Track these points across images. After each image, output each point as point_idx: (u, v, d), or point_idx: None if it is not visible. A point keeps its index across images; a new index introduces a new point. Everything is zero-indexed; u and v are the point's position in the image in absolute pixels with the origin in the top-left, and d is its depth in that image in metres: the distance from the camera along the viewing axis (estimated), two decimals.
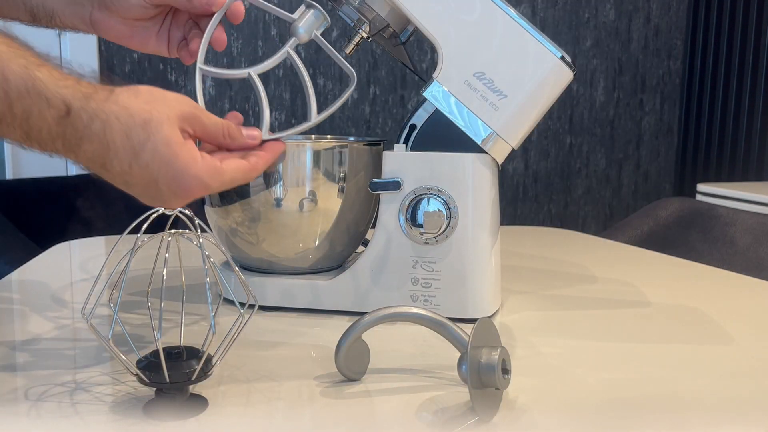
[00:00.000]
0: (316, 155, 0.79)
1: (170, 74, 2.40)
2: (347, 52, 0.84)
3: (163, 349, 0.52)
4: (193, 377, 0.53)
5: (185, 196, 0.62)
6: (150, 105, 0.59)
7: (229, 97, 2.38)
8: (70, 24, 0.76)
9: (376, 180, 0.79)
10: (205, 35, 0.74)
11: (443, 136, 0.78)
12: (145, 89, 0.61)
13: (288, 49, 0.74)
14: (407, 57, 0.90)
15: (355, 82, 0.75)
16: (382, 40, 0.85)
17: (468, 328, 0.58)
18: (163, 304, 0.54)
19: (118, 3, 0.74)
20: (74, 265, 1.09)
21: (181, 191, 0.61)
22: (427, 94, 0.78)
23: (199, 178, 0.61)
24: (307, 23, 0.74)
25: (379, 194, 0.79)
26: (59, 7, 0.75)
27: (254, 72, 0.74)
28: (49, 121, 0.55)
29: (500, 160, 0.79)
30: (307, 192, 0.79)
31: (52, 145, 0.57)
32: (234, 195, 0.80)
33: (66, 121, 0.55)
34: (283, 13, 0.74)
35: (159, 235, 0.54)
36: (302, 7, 0.74)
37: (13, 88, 0.53)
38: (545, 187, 2.76)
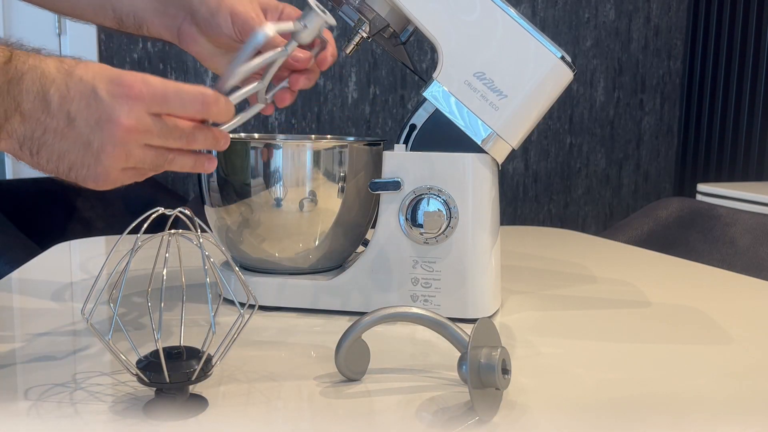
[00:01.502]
0: (316, 155, 0.79)
1: (170, 74, 2.40)
2: (347, 52, 0.84)
3: (163, 349, 0.52)
4: (193, 377, 0.53)
5: (128, 96, 0.57)
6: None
7: None
8: (156, 34, 0.77)
9: (376, 180, 0.79)
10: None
11: (443, 136, 0.78)
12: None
13: (288, 50, 0.67)
14: (407, 57, 0.90)
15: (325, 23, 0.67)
16: (382, 40, 0.85)
17: (468, 328, 0.58)
18: (163, 304, 0.54)
19: (209, 26, 0.73)
20: (74, 265, 1.09)
21: (123, 90, 0.57)
22: (427, 94, 0.78)
23: (136, 74, 0.58)
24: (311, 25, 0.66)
25: (379, 194, 0.79)
26: (149, 17, 0.76)
27: (264, 92, 0.68)
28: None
29: (500, 160, 0.79)
30: (307, 192, 0.79)
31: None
32: (234, 195, 0.80)
33: (7, 67, 0.56)
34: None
35: (159, 235, 0.54)
36: (307, 8, 0.67)
37: None
38: (545, 187, 2.76)
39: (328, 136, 0.93)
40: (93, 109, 0.57)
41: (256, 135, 0.99)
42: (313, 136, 0.95)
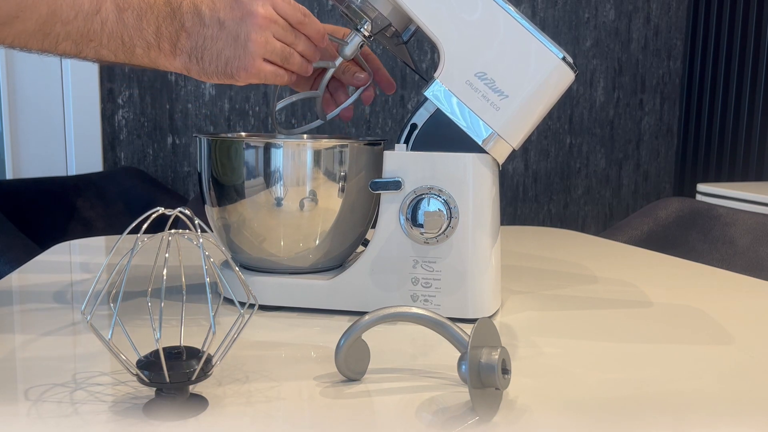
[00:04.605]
0: (317, 155, 0.79)
1: (170, 74, 2.40)
2: (348, 54, 0.84)
3: (163, 349, 0.52)
4: (193, 377, 0.53)
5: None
6: None
7: (229, 98, 2.38)
8: None
9: (376, 180, 0.79)
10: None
11: (444, 135, 0.78)
12: None
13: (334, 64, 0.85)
14: (409, 56, 0.90)
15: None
16: (383, 39, 0.85)
17: (468, 328, 0.58)
18: (163, 304, 0.54)
19: None
20: (74, 265, 1.09)
21: None
22: (428, 93, 0.78)
23: None
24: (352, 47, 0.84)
25: (379, 194, 0.79)
26: None
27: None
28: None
29: (501, 161, 0.79)
30: (307, 192, 0.79)
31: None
32: (234, 194, 0.80)
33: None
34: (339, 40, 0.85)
35: (159, 235, 0.54)
36: (351, 33, 0.84)
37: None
38: (545, 187, 2.76)
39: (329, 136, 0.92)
40: (236, 10, 0.73)
41: (256, 135, 0.99)
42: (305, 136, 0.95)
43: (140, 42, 0.71)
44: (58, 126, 2.25)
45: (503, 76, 0.76)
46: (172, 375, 0.52)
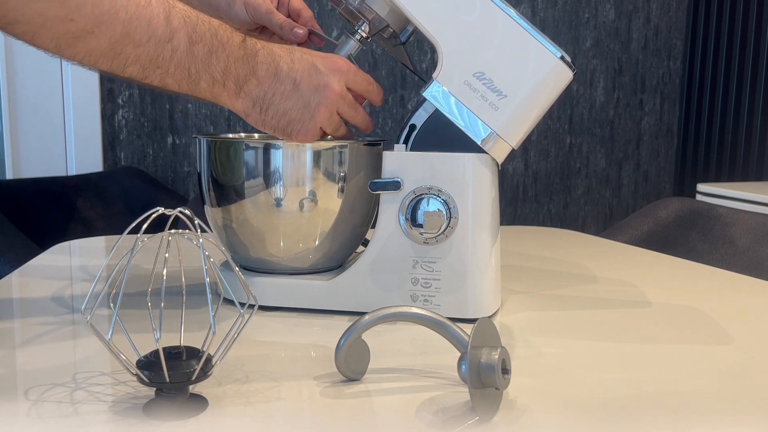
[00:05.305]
0: (316, 155, 0.79)
1: None
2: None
3: (163, 349, 0.52)
4: (193, 377, 0.53)
5: (339, 70, 0.76)
6: None
7: None
8: None
9: (376, 180, 0.79)
10: None
11: (443, 136, 0.78)
12: None
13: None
14: (407, 57, 0.90)
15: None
16: (381, 40, 0.85)
17: (468, 328, 0.58)
18: (163, 304, 0.54)
19: (228, 15, 0.88)
20: (74, 265, 1.09)
21: (335, 66, 0.76)
22: (427, 94, 0.78)
23: (337, 56, 0.79)
24: (345, 48, 0.84)
25: (379, 194, 0.79)
26: None
27: None
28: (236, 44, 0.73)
29: (500, 160, 0.79)
30: (307, 192, 0.79)
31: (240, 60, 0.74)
32: (234, 195, 0.80)
33: (245, 43, 0.74)
34: (330, 39, 0.87)
35: (159, 235, 0.54)
36: (343, 37, 0.85)
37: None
38: (545, 187, 2.76)
39: (328, 136, 0.92)
40: (314, 78, 0.75)
41: (256, 135, 0.99)
42: None
43: (206, 76, 0.71)
44: (58, 126, 2.25)
45: (501, 75, 0.76)
46: (172, 375, 0.52)
